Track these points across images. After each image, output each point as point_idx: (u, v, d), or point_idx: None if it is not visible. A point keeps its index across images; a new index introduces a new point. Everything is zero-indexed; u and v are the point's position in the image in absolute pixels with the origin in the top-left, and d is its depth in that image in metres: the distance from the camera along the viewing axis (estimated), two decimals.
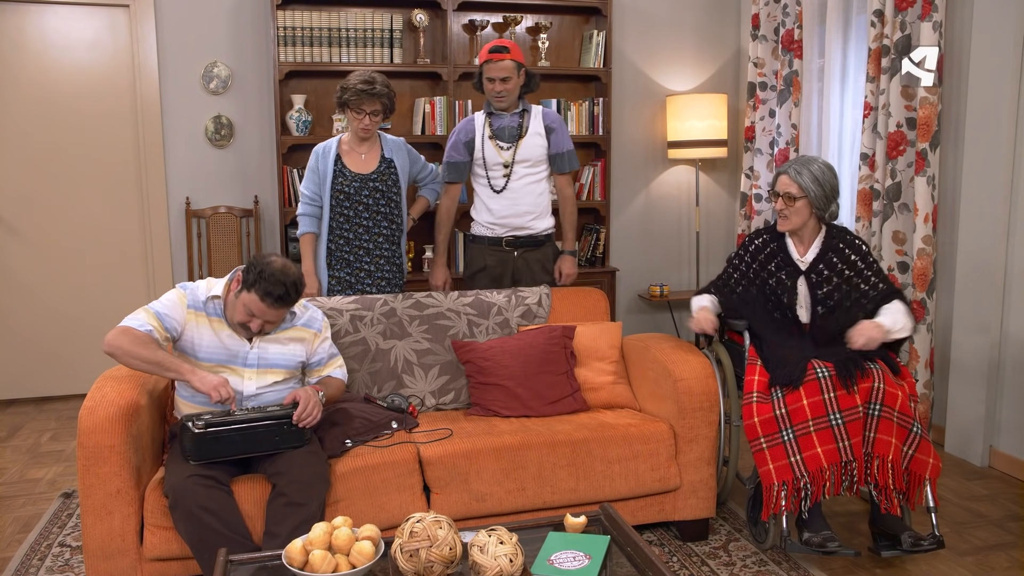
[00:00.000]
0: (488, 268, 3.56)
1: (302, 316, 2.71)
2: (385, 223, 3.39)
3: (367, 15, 4.53)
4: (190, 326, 2.53)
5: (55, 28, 4.54)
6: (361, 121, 3.26)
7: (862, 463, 2.56)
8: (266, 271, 2.45)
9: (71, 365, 4.72)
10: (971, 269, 3.58)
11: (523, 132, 3.45)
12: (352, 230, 3.36)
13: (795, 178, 2.81)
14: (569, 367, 3.08)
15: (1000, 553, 2.82)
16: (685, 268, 5.44)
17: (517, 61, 3.38)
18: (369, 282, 3.40)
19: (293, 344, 2.65)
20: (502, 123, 3.46)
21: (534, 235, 3.54)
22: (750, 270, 2.99)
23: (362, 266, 3.39)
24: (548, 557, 1.92)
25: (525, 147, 3.45)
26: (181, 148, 4.69)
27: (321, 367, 2.74)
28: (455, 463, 2.62)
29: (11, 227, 4.62)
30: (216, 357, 2.55)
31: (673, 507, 2.87)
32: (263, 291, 2.44)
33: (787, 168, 2.86)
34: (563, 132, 3.53)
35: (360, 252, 3.37)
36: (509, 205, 3.48)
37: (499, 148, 3.45)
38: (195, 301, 2.56)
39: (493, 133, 3.45)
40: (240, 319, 2.51)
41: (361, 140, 3.36)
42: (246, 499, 2.40)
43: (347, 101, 3.24)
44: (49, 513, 3.21)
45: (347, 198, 3.32)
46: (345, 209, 3.33)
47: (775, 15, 4.73)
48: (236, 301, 2.51)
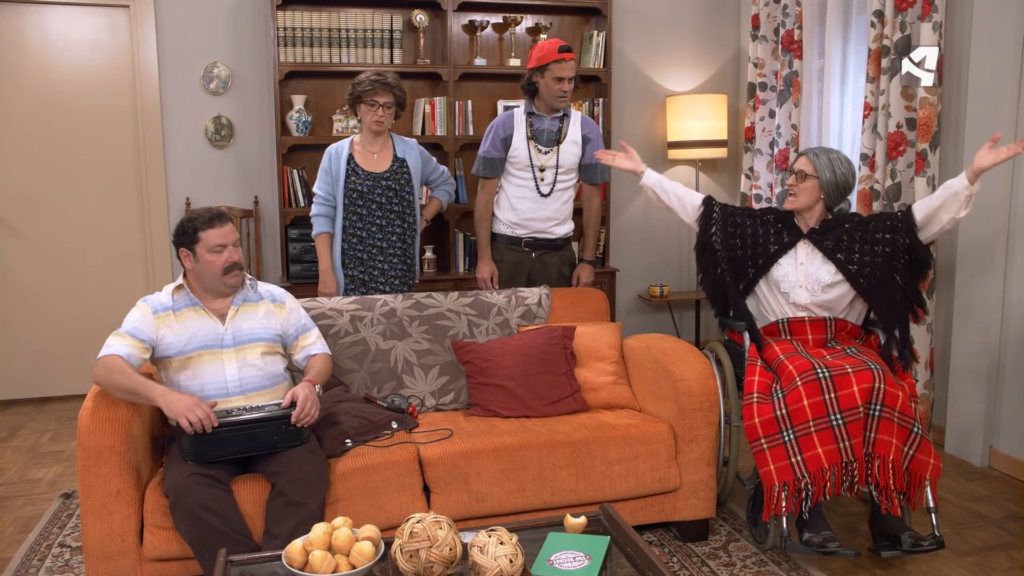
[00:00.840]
0: (504, 264, 3.57)
1: (263, 290, 2.73)
2: (398, 221, 3.41)
3: (367, 15, 4.54)
4: (162, 330, 2.54)
5: (55, 28, 4.54)
6: (375, 113, 3.30)
7: (863, 463, 2.56)
8: (189, 216, 2.58)
9: (71, 365, 4.72)
10: (971, 269, 3.58)
11: (562, 138, 3.46)
12: (365, 228, 3.38)
13: (812, 159, 2.89)
14: (569, 367, 3.08)
15: (1000, 553, 2.82)
16: (685, 269, 5.44)
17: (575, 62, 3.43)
18: (382, 280, 3.42)
19: (263, 316, 2.67)
20: (542, 125, 3.47)
21: (553, 239, 3.57)
22: (743, 241, 2.97)
23: (375, 264, 3.41)
24: (548, 557, 1.92)
25: (563, 153, 3.47)
26: (181, 148, 4.69)
27: (300, 337, 2.74)
28: (455, 463, 2.62)
29: (11, 227, 4.62)
30: (197, 345, 2.56)
31: (673, 507, 2.87)
32: (204, 222, 2.54)
33: (807, 151, 2.94)
34: (599, 143, 3.54)
35: (374, 251, 3.40)
36: (536, 208, 3.50)
37: (537, 151, 3.45)
38: (158, 306, 2.58)
39: (532, 134, 3.46)
40: (219, 267, 2.54)
41: (375, 136, 3.38)
42: (245, 499, 2.40)
43: (361, 94, 3.29)
44: (49, 513, 3.21)
45: (360, 196, 3.34)
46: (359, 208, 3.36)
47: (775, 15, 4.73)
48: (200, 264, 2.55)
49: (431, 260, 4.72)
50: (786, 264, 2.91)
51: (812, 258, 2.89)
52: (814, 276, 2.87)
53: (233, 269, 2.58)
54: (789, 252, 2.91)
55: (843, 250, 2.85)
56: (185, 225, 2.57)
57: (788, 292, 2.90)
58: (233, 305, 2.63)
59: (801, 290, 2.88)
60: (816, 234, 2.90)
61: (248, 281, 2.69)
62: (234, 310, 2.63)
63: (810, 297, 2.88)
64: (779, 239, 2.93)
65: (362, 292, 3.41)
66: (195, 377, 2.55)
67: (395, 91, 3.31)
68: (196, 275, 2.59)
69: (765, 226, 2.97)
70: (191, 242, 2.55)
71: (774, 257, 2.92)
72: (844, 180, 2.87)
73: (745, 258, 2.96)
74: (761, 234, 2.96)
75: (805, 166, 2.89)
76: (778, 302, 2.93)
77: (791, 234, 2.93)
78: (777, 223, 2.97)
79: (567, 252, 3.66)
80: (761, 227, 2.98)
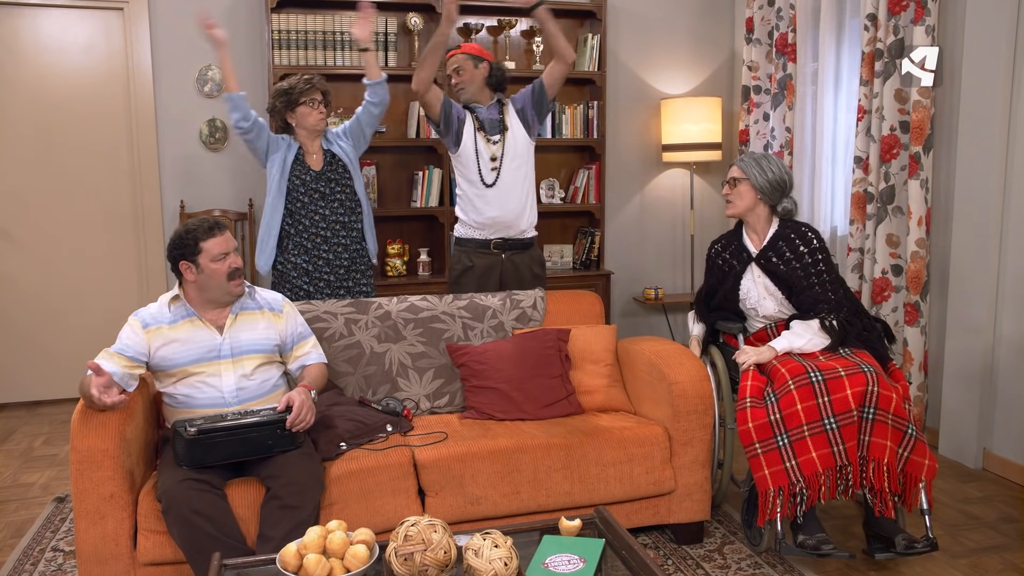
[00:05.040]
0: (475, 268, 3.56)
1: (262, 299, 2.72)
2: (341, 209, 3.45)
3: None
4: (154, 344, 2.53)
5: (49, 31, 4.53)
6: (318, 112, 3.38)
7: (857, 467, 2.57)
8: (187, 228, 2.54)
9: (64, 369, 4.70)
10: (964, 272, 3.59)
11: (506, 126, 3.48)
12: (308, 217, 3.42)
13: (739, 164, 2.97)
14: (564, 370, 3.08)
15: (993, 555, 2.83)
16: (679, 271, 5.45)
17: (469, 54, 3.48)
18: (327, 270, 3.45)
19: (263, 328, 2.66)
20: (482, 115, 3.49)
21: (521, 238, 3.56)
22: (716, 279, 3.07)
23: (319, 254, 3.44)
24: (543, 560, 1.92)
25: (512, 139, 3.48)
26: (175, 151, 4.68)
27: (296, 347, 2.74)
28: (450, 466, 2.62)
29: (4, 230, 4.60)
30: (192, 357, 2.54)
31: (668, 510, 2.87)
32: (205, 232, 2.52)
33: (735, 160, 3.05)
34: (523, 91, 3.54)
35: (317, 240, 3.43)
36: (498, 202, 3.48)
37: (488, 141, 3.47)
38: (149, 320, 2.56)
39: (480, 125, 3.48)
40: (223, 274, 2.53)
41: (316, 137, 3.44)
42: (240, 502, 2.40)
43: (299, 96, 3.36)
44: (42, 518, 3.20)
45: (303, 184, 3.40)
46: (300, 195, 3.40)
47: (769, 19, 4.75)
48: (204, 275, 2.53)
49: (426, 263, 4.72)
50: (747, 283, 2.97)
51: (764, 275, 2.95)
52: (773, 288, 2.91)
53: (236, 275, 2.57)
54: (746, 273, 2.97)
55: (783, 278, 2.89)
56: (184, 237, 2.54)
57: (755, 308, 2.95)
58: (231, 314, 2.62)
59: (766, 300, 2.93)
60: (761, 256, 2.94)
61: (246, 288, 2.68)
62: (232, 319, 2.62)
63: (777, 306, 2.92)
64: (733, 271, 2.99)
65: (305, 281, 3.43)
66: (192, 389, 2.54)
67: (323, 87, 3.43)
68: (200, 286, 2.56)
69: (724, 252, 3.05)
70: (193, 253, 2.52)
71: (736, 280, 2.98)
72: (777, 178, 2.90)
73: (716, 288, 3.06)
74: (722, 263, 3.05)
75: (734, 172, 2.97)
76: (755, 316, 2.98)
77: (741, 260, 2.98)
78: (729, 247, 3.04)
79: (535, 251, 3.67)
80: (721, 256, 3.06)
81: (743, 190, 2.93)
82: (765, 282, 2.92)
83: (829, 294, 2.83)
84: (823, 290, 2.83)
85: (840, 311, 2.82)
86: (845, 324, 2.80)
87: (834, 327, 2.78)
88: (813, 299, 2.82)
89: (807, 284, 2.84)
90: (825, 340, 2.78)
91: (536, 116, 3.55)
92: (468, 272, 3.57)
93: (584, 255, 5.00)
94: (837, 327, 2.78)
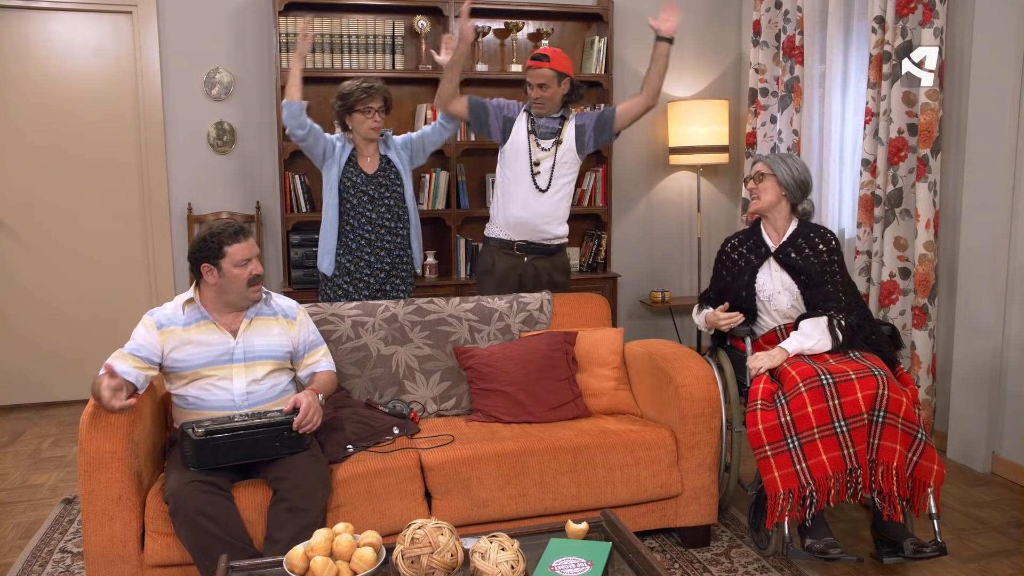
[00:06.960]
0: (496, 269, 3.56)
1: (277, 305, 2.73)
2: (388, 215, 3.47)
3: (369, 21, 4.55)
4: (168, 345, 2.54)
5: (58, 34, 4.55)
6: (372, 120, 3.39)
7: (867, 470, 2.56)
8: (212, 231, 2.55)
9: (73, 370, 4.71)
10: (972, 275, 3.58)
11: (561, 139, 3.47)
12: (356, 219, 3.44)
13: (766, 161, 2.99)
14: (571, 373, 3.08)
15: (1003, 559, 2.82)
16: (687, 274, 5.44)
17: (556, 70, 3.38)
18: (368, 272, 3.47)
19: (276, 334, 2.67)
20: (541, 121, 3.49)
21: (547, 243, 3.55)
22: (730, 274, 3.05)
23: (363, 256, 3.46)
24: (550, 564, 1.91)
25: (561, 152, 3.47)
26: (183, 154, 4.70)
27: (307, 355, 2.75)
28: (456, 469, 2.62)
29: (14, 232, 4.62)
30: (205, 360, 2.55)
31: (675, 513, 2.86)
32: (230, 237, 2.53)
33: (760, 156, 3.06)
34: (592, 112, 3.55)
35: (362, 242, 3.46)
36: (531, 205, 3.46)
37: (538, 146, 3.46)
38: (164, 320, 2.57)
39: (533, 128, 3.47)
40: (244, 280, 2.55)
41: (368, 143, 3.47)
42: (247, 505, 2.40)
43: (355, 103, 3.37)
44: (50, 519, 3.21)
45: (353, 187, 3.43)
46: (350, 196, 3.43)
47: (776, 21, 4.74)
48: (226, 278, 2.54)
49: (432, 265, 4.72)
50: (763, 276, 2.96)
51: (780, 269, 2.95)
52: (789, 283, 2.91)
53: (256, 282, 2.59)
54: (763, 266, 2.97)
55: (801, 271, 2.90)
56: (209, 240, 2.55)
57: (769, 300, 2.94)
58: (246, 318, 2.63)
59: (780, 295, 2.93)
60: (780, 251, 2.95)
61: (263, 295, 2.69)
62: (247, 323, 2.63)
63: (791, 301, 2.91)
64: (749, 265, 2.99)
65: (347, 280, 3.47)
66: (203, 391, 2.55)
67: (384, 94, 3.43)
68: (219, 289, 2.58)
69: (741, 247, 3.05)
70: (216, 257, 2.54)
71: (752, 273, 2.97)
72: (801, 177, 2.95)
73: (725, 289, 3.05)
74: (737, 257, 3.04)
75: (761, 168, 2.99)
76: (767, 312, 2.96)
77: (759, 255, 2.99)
78: (747, 242, 3.04)
79: (560, 258, 3.63)
80: (737, 250, 3.06)
81: (769, 185, 2.95)
82: (782, 277, 2.93)
83: (840, 295, 2.84)
84: (835, 290, 2.85)
85: (850, 314, 2.82)
86: (853, 326, 2.80)
87: (841, 326, 2.78)
88: (824, 296, 2.83)
89: (821, 281, 2.85)
90: (829, 339, 2.78)
91: (594, 139, 3.52)
92: (489, 273, 3.59)
93: (591, 258, 5.00)
94: (845, 326, 2.78)
